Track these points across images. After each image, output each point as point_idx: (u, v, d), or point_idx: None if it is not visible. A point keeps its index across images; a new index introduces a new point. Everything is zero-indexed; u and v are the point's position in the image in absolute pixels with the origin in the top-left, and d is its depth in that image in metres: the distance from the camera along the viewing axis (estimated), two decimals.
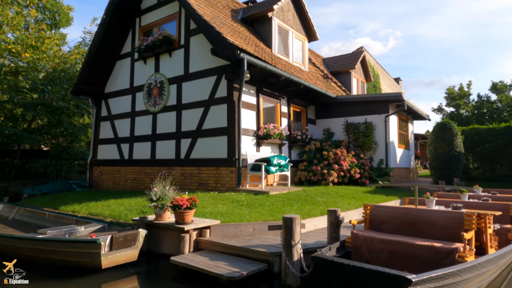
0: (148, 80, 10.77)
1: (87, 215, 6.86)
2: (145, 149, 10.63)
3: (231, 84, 8.74)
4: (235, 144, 8.57)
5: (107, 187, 11.57)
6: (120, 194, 9.33)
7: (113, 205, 7.40)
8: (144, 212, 6.40)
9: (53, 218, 7.15)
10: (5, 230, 6.77)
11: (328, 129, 12.19)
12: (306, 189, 9.08)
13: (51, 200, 9.25)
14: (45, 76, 13.23)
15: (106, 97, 12.21)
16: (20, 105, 12.86)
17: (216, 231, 5.02)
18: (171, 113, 10.05)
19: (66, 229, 5.17)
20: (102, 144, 12.16)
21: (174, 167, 9.76)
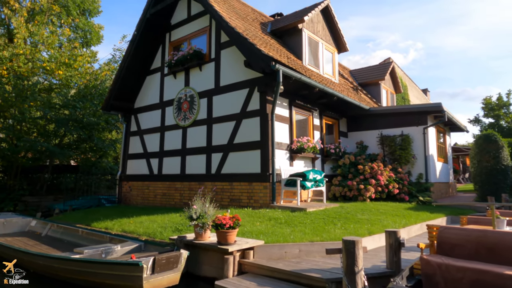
0: (178, 95, 10.71)
1: (120, 233, 6.66)
2: (174, 164, 10.48)
3: (264, 96, 8.50)
4: (269, 159, 8.26)
5: (136, 203, 11.45)
6: (151, 210, 9.15)
7: (146, 222, 7.18)
8: (180, 230, 6.14)
9: (86, 235, 7.00)
10: (39, 247, 6.65)
11: (361, 142, 11.71)
12: (343, 205, 8.61)
13: (82, 216, 9.18)
14: (76, 93, 13.49)
15: (135, 112, 12.26)
16: (52, 121, 13.10)
17: (260, 253, 4.66)
18: (202, 127, 9.89)
19: (102, 248, 4.95)
20: (131, 159, 12.13)
21: (205, 182, 9.53)
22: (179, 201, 10.12)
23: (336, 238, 5.19)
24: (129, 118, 12.49)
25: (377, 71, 17.05)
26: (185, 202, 9.98)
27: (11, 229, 8.46)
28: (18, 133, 12.19)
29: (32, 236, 7.95)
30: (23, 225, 8.70)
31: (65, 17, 14.84)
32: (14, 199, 12.38)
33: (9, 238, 7.65)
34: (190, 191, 9.87)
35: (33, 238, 7.73)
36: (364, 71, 17.49)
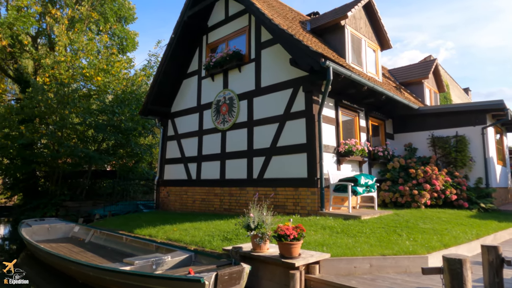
0: (216, 97, 10.43)
1: (165, 241, 6.36)
2: (213, 168, 10.17)
3: (310, 96, 8.01)
4: (316, 162, 7.74)
5: (175, 208, 11.24)
6: (192, 217, 8.85)
7: (191, 230, 6.85)
8: (229, 240, 5.74)
9: (130, 243, 6.76)
10: (84, 255, 6.47)
11: (410, 144, 10.91)
12: (397, 212, 7.91)
13: (123, 222, 9.03)
14: (114, 99, 13.60)
15: (172, 117, 12.12)
16: (91, 126, 13.25)
17: (326, 267, 4.16)
18: (242, 130, 9.53)
19: (153, 259, 4.62)
20: (168, 164, 11.98)
21: (246, 188, 9.13)
22: (219, 207, 9.78)
23: (408, 251, 4.59)
24: (166, 123, 12.37)
25: (419, 69, 16.12)
26: (226, 208, 9.65)
27: (55, 235, 8.42)
28: (59, 139, 12.39)
29: (75, 243, 7.85)
30: (67, 231, 8.65)
31: (102, 24, 15.11)
32: (56, 204, 12.55)
33: (53, 244, 7.58)
34: (231, 197, 9.51)
35: (77, 244, 7.62)
36: (405, 70, 16.60)
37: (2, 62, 14.15)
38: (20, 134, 11.54)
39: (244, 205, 9.09)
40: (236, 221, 6.56)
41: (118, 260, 5.89)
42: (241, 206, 9.18)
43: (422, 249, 4.73)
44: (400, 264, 4.29)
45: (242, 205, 9.14)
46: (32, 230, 8.03)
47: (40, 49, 14.84)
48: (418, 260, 4.37)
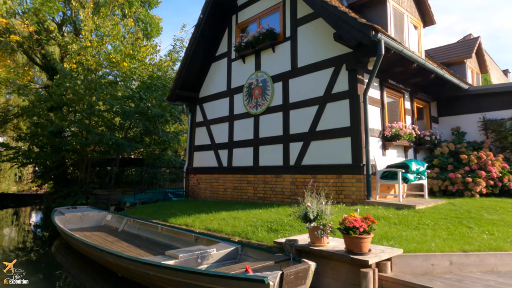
0: (248, 80, 9.87)
1: (204, 231, 5.95)
2: (246, 155, 9.69)
3: (354, 75, 7.33)
4: (362, 147, 7.10)
5: (205, 197, 10.89)
6: (227, 205, 8.44)
7: (230, 219, 6.42)
8: (275, 231, 5.25)
9: (166, 233, 6.40)
10: (119, 245, 6.17)
11: (458, 128, 10.04)
12: (451, 202, 7.19)
13: (155, 210, 8.72)
14: (140, 85, 13.27)
15: (201, 102, 11.67)
16: (118, 114, 13.02)
17: (399, 265, 3.59)
18: (277, 114, 8.96)
19: (197, 251, 4.20)
20: (198, 151, 11.60)
21: (283, 175, 8.62)
22: (252, 196, 9.33)
23: (491, 247, 3.95)
24: (194, 109, 11.94)
25: (461, 48, 14.94)
26: (260, 197, 9.19)
27: (87, 223, 8.22)
28: (87, 126, 12.23)
29: (108, 231, 7.60)
30: (99, 219, 8.44)
31: (127, 8, 14.75)
32: (86, 192, 12.49)
33: (87, 233, 7.35)
34: (265, 184, 9.03)
35: (110, 233, 7.36)
36: (444, 50, 15.44)
37: (29, 50, 14.10)
38: (49, 122, 11.43)
39: (280, 193, 8.61)
40: (276, 211, 6.07)
41: (156, 251, 5.55)
42: (277, 195, 8.69)
43: (506, 244, 4.08)
44: (486, 262, 3.68)
45: (278, 193, 8.65)
46: (65, 218, 7.85)
47: (66, 36, 14.67)
48: (506, 257, 3.74)
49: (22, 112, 12.59)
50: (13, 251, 7.46)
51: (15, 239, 9.03)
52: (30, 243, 8.58)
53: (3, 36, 13.36)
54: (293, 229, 5.21)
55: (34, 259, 6.77)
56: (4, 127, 17.35)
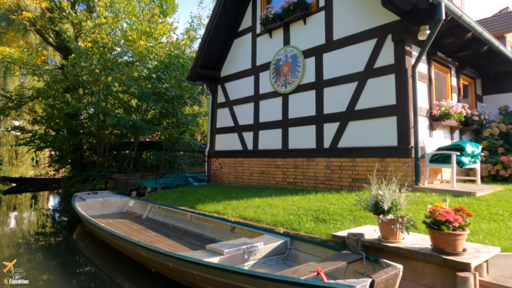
0: (275, 57, 9.12)
1: (239, 220, 5.39)
2: (274, 137, 9.05)
3: (402, 47, 6.52)
4: (410, 128, 6.37)
5: (229, 181, 10.35)
6: (257, 191, 7.88)
7: (265, 207, 5.83)
8: (323, 221, 4.64)
9: (196, 221, 5.87)
10: (146, 234, 5.68)
11: (506, 108, 9.13)
12: (509, 188, 6.45)
13: (179, 196, 8.22)
14: (158, 64, 12.61)
15: (222, 81, 10.99)
16: (135, 95, 12.47)
17: (498, 266, 2.94)
18: (308, 92, 8.24)
19: (243, 246, 3.62)
20: (220, 134, 10.99)
21: (316, 159, 7.96)
22: (281, 181, 8.73)
23: None
24: (216, 89, 11.28)
25: (500, 22, 13.75)
26: (290, 182, 8.58)
27: (109, 209, 7.78)
28: (104, 108, 11.72)
29: (132, 218, 7.14)
30: (121, 205, 8.00)
31: None
32: (105, 176, 12.10)
33: (110, 220, 6.89)
34: (296, 169, 8.40)
35: (134, 220, 6.89)
36: (480, 23, 14.28)
37: (42, 29, 13.55)
38: (65, 104, 10.96)
39: (312, 178, 7.98)
40: (315, 197, 5.40)
41: (188, 242, 5.04)
42: (309, 180, 8.07)
43: None
44: None
45: (311, 178, 8.03)
46: (86, 204, 7.41)
47: (80, 14, 14.01)
48: None
49: (37, 94, 12.15)
50: (33, 236, 7.11)
51: (35, 225, 8.70)
52: (50, 229, 8.23)
53: (14, 14, 12.84)
54: (343, 219, 4.59)
55: (55, 247, 6.37)
56: (20, 111, 17.05)
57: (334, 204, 5.44)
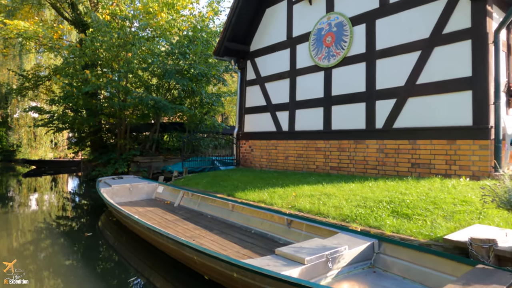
0: (316, 26, 8.09)
1: (293, 211, 4.58)
2: (314, 117, 8.14)
3: (482, 7, 5.44)
4: (489, 104, 5.38)
5: (260, 165, 9.55)
6: (300, 177, 7.05)
7: (321, 196, 4.99)
8: (406, 216, 3.78)
9: (240, 211, 5.10)
10: (184, 227, 4.94)
11: None
12: None
13: (210, 181, 7.45)
14: (180, 39, 11.67)
15: (252, 56, 10.03)
16: (155, 74, 11.65)
17: None
18: (357, 65, 7.24)
19: (326, 252, 2.80)
20: (250, 114, 10.13)
21: (365, 141, 7.04)
22: (322, 165, 7.87)
23: None
24: (245, 65, 10.33)
25: None
26: (333, 167, 7.70)
27: (137, 196, 7.10)
28: (124, 87, 10.96)
29: (163, 207, 6.44)
30: (149, 192, 7.31)
31: None
32: (127, 159, 11.47)
33: (139, 208, 6.20)
34: (341, 152, 7.51)
35: (166, 209, 6.18)
36: None
37: (57, 2, 12.71)
38: (85, 82, 10.23)
39: (361, 162, 7.09)
40: (377, 185, 4.41)
41: (237, 238, 4.27)
42: (357, 164, 7.18)
43: None
44: None
45: (359, 162, 7.14)
46: (112, 190, 6.73)
47: None
48: None
49: (54, 72, 11.48)
50: (56, 221, 6.52)
51: (57, 210, 8.15)
52: (73, 214, 7.65)
53: None
54: (432, 215, 3.72)
55: (79, 235, 5.75)
56: (37, 91, 16.52)
57: (406, 194, 4.56)
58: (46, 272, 4.16)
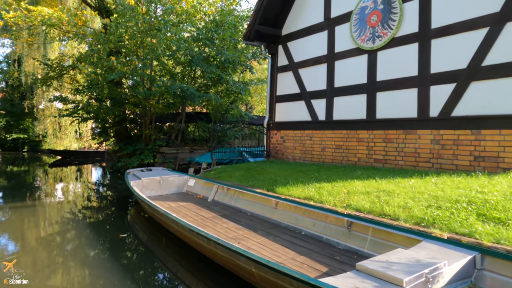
0: (359, 4, 7.35)
1: (350, 212, 3.99)
2: (355, 105, 7.46)
3: None
4: None
5: (293, 157, 8.97)
6: (345, 170, 6.44)
7: (378, 194, 4.37)
8: (496, 220, 3.13)
9: (286, 210, 4.56)
10: (224, 225, 4.45)
11: None
12: None
13: (245, 174, 6.94)
14: (207, 24, 11.10)
15: (285, 40, 9.37)
16: (180, 62, 11.16)
17: None
18: (407, 47, 6.50)
19: (426, 270, 2.22)
20: (281, 102, 9.52)
21: (417, 131, 6.34)
22: (365, 157, 7.21)
23: None
24: (275, 50, 9.69)
25: None
26: (378, 159, 7.02)
27: (167, 190, 6.68)
28: (150, 75, 10.54)
29: (196, 201, 5.98)
30: (180, 185, 6.87)
31: None
32: (153, 150, 11.13)
33: (172, 203, 5.76)
34: (387, 143, 6.83)
35: (200, 204, 5.72)
36: None
37: None
38: (110, 69, 9.87)
39: (412, 155, 6.40)
40: (442, 181, 3.80)
41: (283, 240, 3.77)
42: (406, 157, 6.50)
43: None
44: None
45: (409, 155, 6.45)
46: (142, 183, 6.33)
47: None
48: None
49: (78, 60, 11.18)
50: (83, 213, 6.20)
51: (84, 201, 7.87)
52: (100, 206, 7.33)
53: None
54: None
55: (107, 228, 5.38)
56: (61, 81, 16.43)
57: (485, 192, 3.88)
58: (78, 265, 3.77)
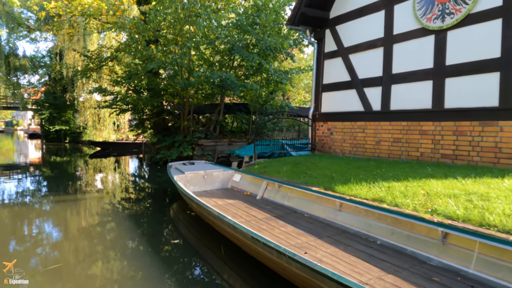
0: None
1: (438, 219, 3.31)
2: (418, 93, 6.63)
3: None
4: None
5: (342, 151, 8.28)
6: (411, 167, 5.73)
7: (469, 197, 3.66)
8: None
9: (351, 212, 3.95)
10: (280, 228, 3.92)
11: None
12: None
13: (294, 169, 6.36)
14: (246, 9, 10.51)
15: (333, 24, 8.60)
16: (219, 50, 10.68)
17: None
18: (487, 24, 5.58)
19: None
20: (328, 91, 8.81)
21: (498, 122, 5.45)
22: (430, 152, 6.39)
23: None
24: (322, 35, 8.95)
25: None
26: (445, 154, 6.13)
27: (211, 185, 6.26)
28: (188, 65, 10.16)
29: (243, 198, 5.50)
30: (225, 180, 6.42)
31: None
32: (191, 142, 10.82)
33: (219, 201, 5.32)
34: (457, 136, 5.98)
35: (249, 202, 5.23)
36: None
37: None
38: (149, 59, 9.60)
39: (490, 150, 5.53)
40: None
41: (355, 250, 3.19)
42: (482, 153, 5.64)
43: None
44: None
45: (486, 150, 5.58)
46: (186, 178, 5.94)
47: None
48: None
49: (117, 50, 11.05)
50: (124, 206, 5.93)
51: (125, 193, 7.66)
52: (141, 198, 7.07)
53: None
54: None
55: (149, 222, 5.04)
56: (100, 73, 16.57)
57: None
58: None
